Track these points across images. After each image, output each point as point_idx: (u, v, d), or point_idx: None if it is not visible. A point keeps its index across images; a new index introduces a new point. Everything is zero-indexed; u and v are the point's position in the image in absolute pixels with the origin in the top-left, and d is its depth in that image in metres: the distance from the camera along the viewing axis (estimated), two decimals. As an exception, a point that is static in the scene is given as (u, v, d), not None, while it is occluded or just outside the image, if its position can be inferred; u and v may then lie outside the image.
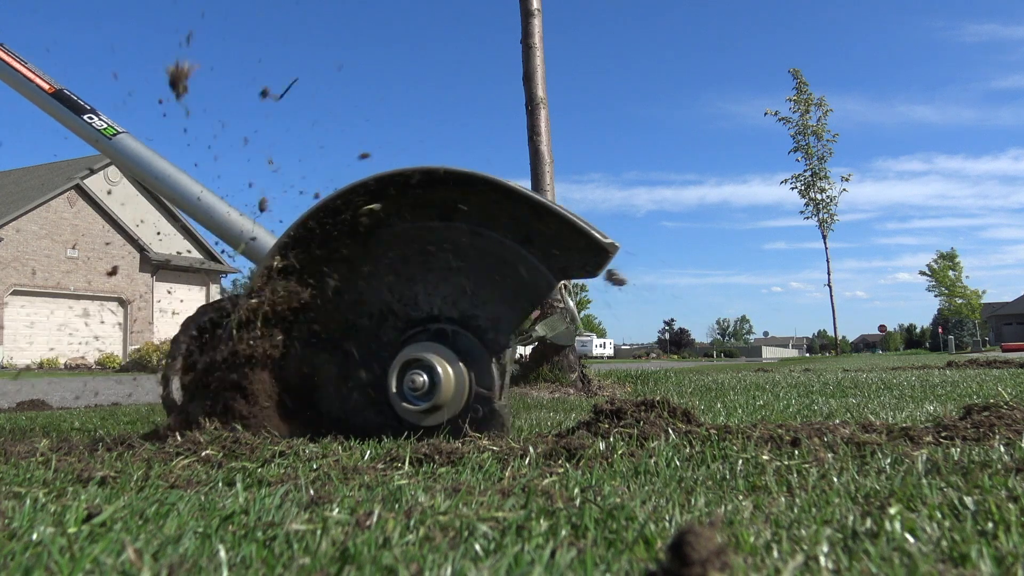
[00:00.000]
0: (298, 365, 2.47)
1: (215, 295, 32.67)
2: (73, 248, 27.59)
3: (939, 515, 1.15)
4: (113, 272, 29.08)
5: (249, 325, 2.42)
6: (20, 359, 25.63)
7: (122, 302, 29.23)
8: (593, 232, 2.25)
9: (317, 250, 2.45)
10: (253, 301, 2.42)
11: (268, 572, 0.95)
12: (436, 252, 2.43)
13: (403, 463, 1.85)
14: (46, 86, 3.16)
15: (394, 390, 2.37)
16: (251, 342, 2.40)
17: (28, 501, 1.40)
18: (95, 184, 28.67)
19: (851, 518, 1.14)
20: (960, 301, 57.24)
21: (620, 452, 1.86)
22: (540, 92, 6.83)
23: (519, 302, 2.40)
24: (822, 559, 0.94)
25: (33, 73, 3.19)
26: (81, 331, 27.92)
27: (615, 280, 2.47)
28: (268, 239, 2.75)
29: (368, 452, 2.04)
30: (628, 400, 2.37)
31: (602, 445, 1.94)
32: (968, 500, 1.21)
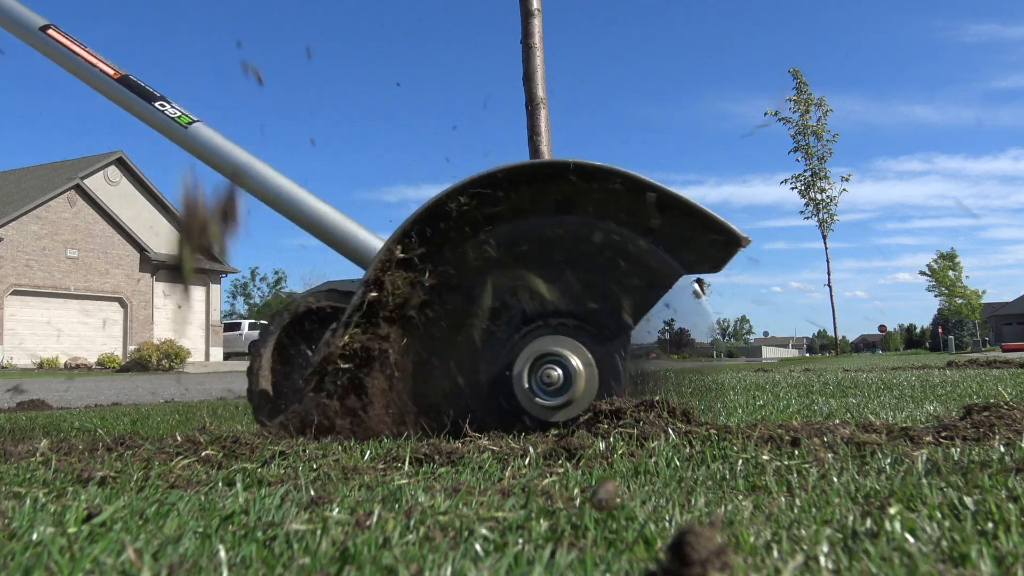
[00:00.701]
0: (412, 361, 2.40)
1: (215, 295, 32.67)
2: (73, 248, 27.59)
3: (939, 515, 1.15)
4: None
5: (369, 318, 2.35)
6: (20, 359, 25.63)
7: (122, 302, 29.23)
8: (728, 223, 2.20)
9: (434, 242, 2.38)
10: (373, 294, 2.35)
11: (268, 572, 0.95)
12: (554, 245, 2.38)
13: (403, 463, 1.85)
14: (111, 71, 2.99)
15: (526, 385, 2.31)
16: (369, 336, 2.33)
17: (28, 501, 1.40)
18: (95, 184, 28.66)
19: (851, 518, 1.14)
20: (960, 301, 57.25)
21: (620, 452, 1.86)
22: (540, 92, 6.83)
23: (641, 296, 2.35)
24: (822, 559, 0.94)
25: (95, 57, 3.01)
26: (81, 331, 27.92)
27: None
28: (358, 232, 2.66)
29: (368, 452, 2.04)
30: (628, 400, 2.37)
31: (602, 445, 1.94)
32: (968, 500, 1.21)
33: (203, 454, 2.00)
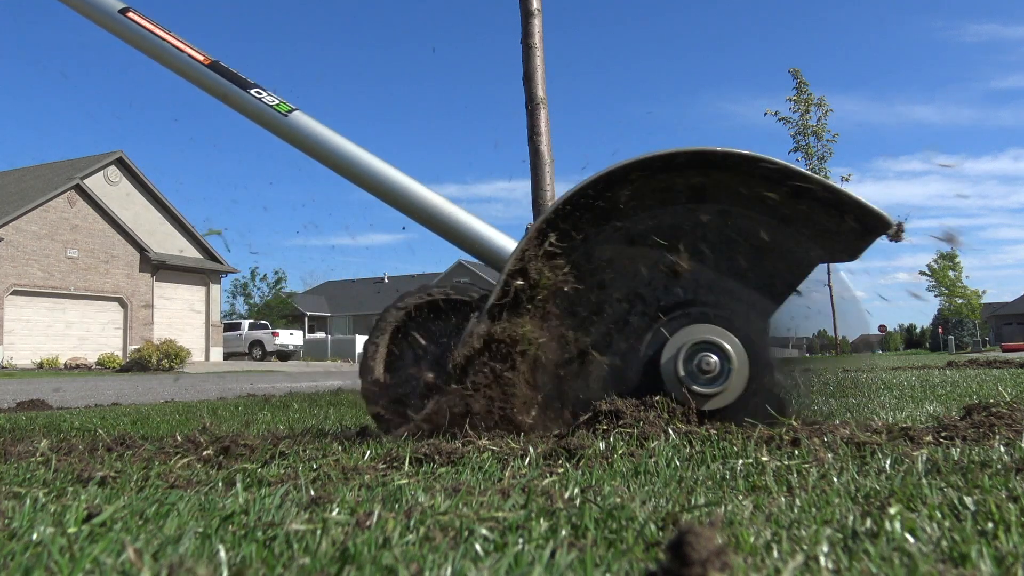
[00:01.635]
0: (554, 351, 2.36)
1: (215, 295, 32.67)
2: (73, 248, 27.59)
3: (939, 515, 1.15)
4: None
5: (511, 307, 2.30)
6: (20, 359, 25.63)
7: (122, 302, 29.23)
8: (876, 207, 2.16)
9: (574, 232, 2.33)
10: (519, 282, 2.29)
11: (268, 572, 0.95)
12: (688, 235, 2.35)
13: (403, 463, 1.85)
14: (200, 57, 2.84)
15: (683, 373, 2.28)
16: (512, 325, 2.29)
17: (28, 501, 1.40)
18: (95, 184, 28.67)
19: (851, 518, 1.14)
20: (960, 301, 57.22)
21: (620, 452, 1.86)
22: (540, 92, 6.82)
23: (778, 284, 2.33)
24: (822, 559, 0.94)
25: (181, 42, 2.87)
26: (81, 331, 27.92)
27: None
28: (472, 222, 2.62)
29: (368, 452, 2.04)
30: (628, 400, 2.36)
31: (602, 445, 1.94)
32: (968, 500, 1.21)
33: (203, 454, 2.00)
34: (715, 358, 2.27)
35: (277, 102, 2.76)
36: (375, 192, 2.69)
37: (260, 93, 2.77)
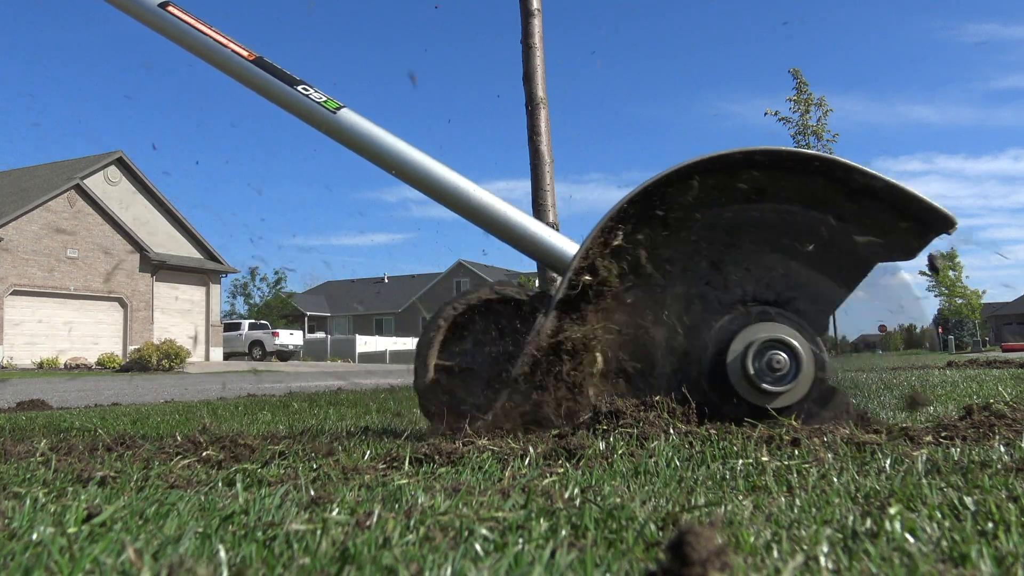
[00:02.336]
0: (620, 348, 2.35)
1: (215, 295, 32.67)
2: (73, 248, 27.59)
3: (939, 515, 1.15)
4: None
5: (579, 304, 2.28)
6: (20, 359, 25.63)
7: (122, 302, 29.23)
8: (940, 205, 2.16)
9: (638, 229, 2.33)
10: (587, 278, 2.28)
11: (268, 572, 0.95)
12: (747, 234, 2.35)
13: (403, 463, 1.85)
14: (244, 52, 2.75)
15: (752, 371, 2.27)
16: (579, 322, 2.27)
17: (28, 501, 1.40)
18: (95, 184, 28.67)
19: (851, 518, 1.14)
20: (960, 301, 57.18)
21: (620, 452, 1.86)
22: (540, 92, 6.82)
23: (838, 281, 2.34)
24: (822, 559, 0.94)
25: (224, 37, 2.78)
26: (81, 331, 27.92)
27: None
28: (526, 222, 2.61)
29: (368, 452, 2.04)
30: (628, 400, 2.36)
31: (602, 445, 1.94)
32: (968, 500, 1.21)
33: (203, 454, 2.00)
34: (785, 356, 2.28)
35: (325, 99, 2.69)
36: (427, 191, 2.66)
37: (307, 90, 2.70)
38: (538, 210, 4.46)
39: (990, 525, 1.07)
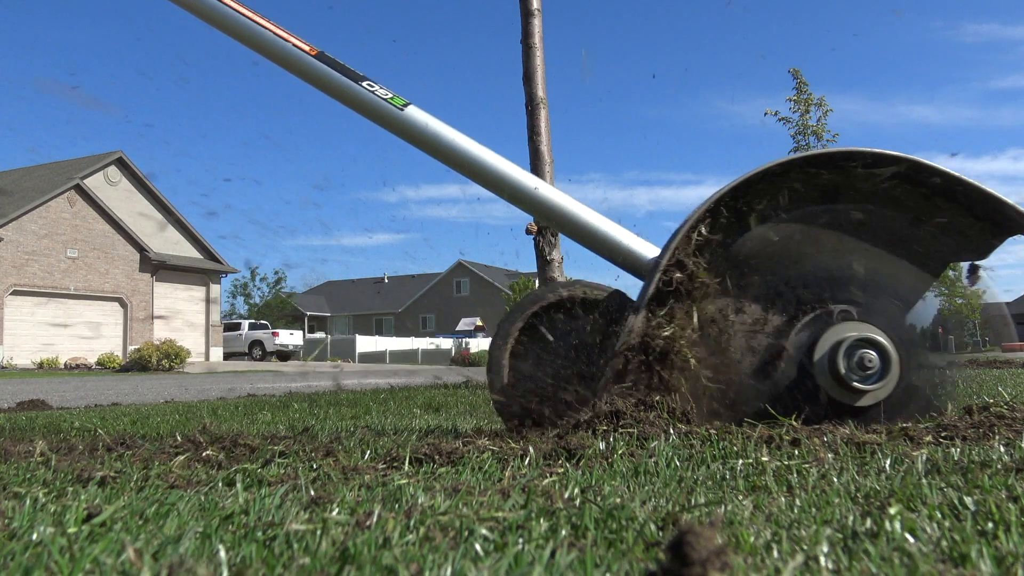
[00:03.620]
0: (709, 347, 2.34)
1: (215, 295, 32.68)
2: (73, 248, 27.59)
3: (939, 515, 1.15)
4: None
5: (667, 302, 2.26)
6: (20, 359, 25.63)
7: (122, 302, 29.23)
8: (1018, 205, 2.17)
9: (724, 228, 2.31)
10: (679, 275, 2.26)
11: (268, 572, 0.95)
12: (823, 233, 2.36)
13: (403, 463, 1.85)
14: (305, 47, 2.66)
15: (843, 371, 2.26)
16: (668, 321, 2.25)
17: (28, 501, 1.40)
18: (95, 184, 28.68)
19: (851, 518, 1.14)
20: (960, 301, 57.19)
21: (620, 452, 1.86)
22: (540, 92, 6.83)
23: (914, 281, 2.35)
24: (822, 559, 0.94)
25: (283, 31, 2.70)
26: (81, 331, 27.92)
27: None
28: (598, 221, 2.59)
29: (368, 452, 2.04)
30: (628, 400, 2.36)
31: (602, 445, 1.94)
32: (968, 500, 1.21)
33: (203, 454, 2.00)
34: (874, 354, 2.28)
35: (391, 95, 2.63)
36: (496, 191, 2.63)
37: (372, 86, 2.63)
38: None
39: (990, 525, 1.07)
